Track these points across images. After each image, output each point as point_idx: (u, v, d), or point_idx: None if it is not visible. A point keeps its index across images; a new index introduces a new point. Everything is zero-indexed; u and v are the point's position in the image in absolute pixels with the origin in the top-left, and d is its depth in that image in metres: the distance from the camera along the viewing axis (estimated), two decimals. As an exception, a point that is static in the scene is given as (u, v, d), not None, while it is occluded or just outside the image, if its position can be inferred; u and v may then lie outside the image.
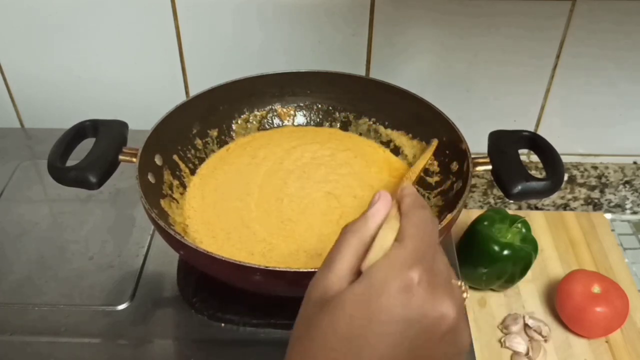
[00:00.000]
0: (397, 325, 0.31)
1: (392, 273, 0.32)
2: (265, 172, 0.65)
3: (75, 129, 0.60)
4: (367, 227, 0.35)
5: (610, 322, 0.71)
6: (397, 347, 0.31)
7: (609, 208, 0.93)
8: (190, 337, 0.57)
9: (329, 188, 0.64)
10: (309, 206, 0.62)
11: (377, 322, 0.31)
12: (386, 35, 0.77)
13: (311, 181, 0.64)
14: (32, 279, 0.62)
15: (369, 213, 0.36)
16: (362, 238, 0.35)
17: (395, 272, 0.32)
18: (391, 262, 0.32)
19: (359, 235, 0.35)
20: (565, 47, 0.77)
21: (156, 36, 0.78)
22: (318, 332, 0.32)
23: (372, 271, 0.32)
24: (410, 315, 0.31)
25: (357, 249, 0.35)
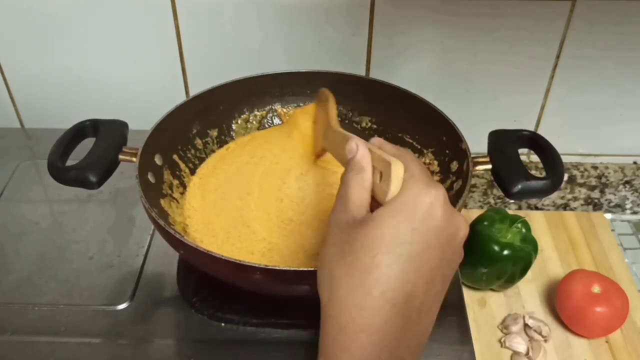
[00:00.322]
0: (431, 233, 0.37)
1: (420, 192, 0.37)
2: (265, 172, 0.65)
3: (75, 129, 0.60)
4: (365, 168, 0.41)
5: (610, 322, 0.71)
6: (433, 252, 0.37)
7: (609, 208, 0.93)
8: (190, 336, 0.57)
9: (329, 189, 0.64)
10: (309, 207, 0.62)
11: (418, 231, 0.36)
12: (386, 35, 0.77)
13: (311, 181, 0.64)
14: (32, 278, 0.62)
15: (359, 157, 0.41)
16: (365, 177, 0.40)
17: (423, 191, 0.37)
18: (416, 184, 0.37)
19: (362, 175, 0.40)
20: (565, 48, 0.78)
21: (156, 36, 0.78)
22: (360, 244, 0.36)
23: (404, 192, 0.37)
24: (440, 224, 0.37)
25: (365, 186, 0.40)
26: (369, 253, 0.36)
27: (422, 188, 0.37)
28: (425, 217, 0.37)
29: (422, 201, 0.37)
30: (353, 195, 0.40)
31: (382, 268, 0.36)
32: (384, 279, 0.35)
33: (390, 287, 0.35)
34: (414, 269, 0.36)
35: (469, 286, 0.78)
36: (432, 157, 0.66)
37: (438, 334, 0.57)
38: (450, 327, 0.58)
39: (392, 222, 0.36)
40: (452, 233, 0.38)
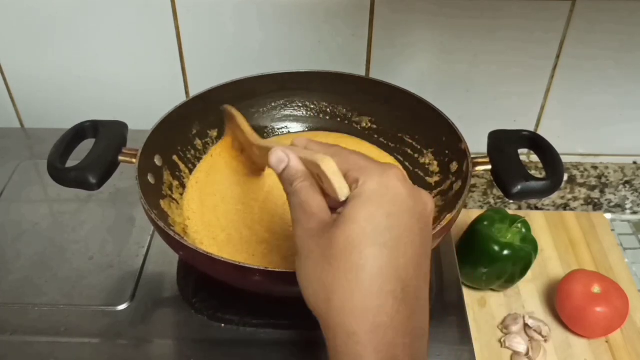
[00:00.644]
0: (405, 214, 0.36)
1: (380, 177, 0.37)
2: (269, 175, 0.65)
3: (75, 130, 0.59)
4: (305, 173, 0.40)
5: (610, 322, 0.71)
6: (412, 232, 0.37)
7: (609, 208, 0.93)
8: (190, 337, 0.57)
9: None
10: None
11: (393, 215, 0.36)
12: (386, 35, 0.77)
13: None
14: (31, 279, 0.62)
15: (293, 165, 0.40)
16: (311, 181, 0.39)
17: (382, 176, 0.37)
18: (371, 171, 0.37)
19: (307, 180, 0.39)
20: (565, 48, 0.78)
21: (156, 36, 0.78)
22: (343, 245, 0.35)
23: (365, 182, 0.37)
24: (410, 203, 0.37)
25: (316, 189, 0.39)
26: (354, 251, 0.35)
27: (380, 173, 0.37)
28: (395, 199, 0.36)
29: (385, 185, 0.37)
30: (310, 201, 0.39)
31: (372, 261, 0.35)
32: (377, 272, 0.35)
33: (386, 279, 0.35)
34: (402, 254, 0.35)
35: (469, 286, 0.78)
36: (431, 157, 0.66)
37: (438, 334, 0.57)
38: (450, 327, 0.58)
39: (366, 213, 0.36)
40: (422, 209, 0.38)
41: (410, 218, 0.37)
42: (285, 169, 0.40)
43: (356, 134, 0.72)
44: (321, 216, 0.38)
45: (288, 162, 0.40)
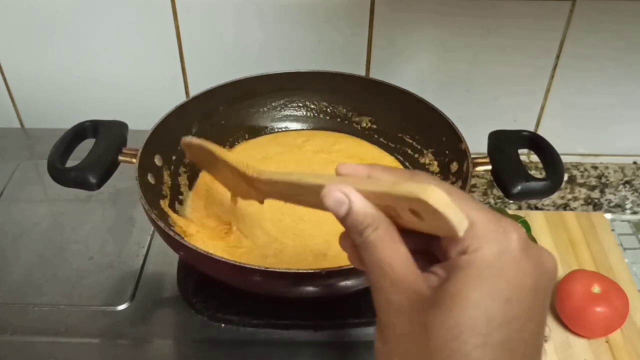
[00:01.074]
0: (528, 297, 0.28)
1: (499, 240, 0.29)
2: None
3: (75, 130, 0.60)
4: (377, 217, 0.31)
5: (610, 322, 0.70)
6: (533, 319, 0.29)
7: (609, 208, 0.93)
8: (190, 337, 0.57)
9: None
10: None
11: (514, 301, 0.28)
12: (386, 35, 0.77)
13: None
14: (32, 279, 0.62)
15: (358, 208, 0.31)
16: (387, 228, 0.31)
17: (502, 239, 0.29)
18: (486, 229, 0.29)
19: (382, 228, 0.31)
20: (565, 47, 0.77)
21: (156, 36, 0.78)
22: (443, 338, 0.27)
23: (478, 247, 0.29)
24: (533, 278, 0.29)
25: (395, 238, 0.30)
26: (459, 349, 0.27)
27: (499, 236, 0.29)
28: (518, 275, 0.28)
29: (505, 256, 0.28)
30: (393, 260, 0.30)
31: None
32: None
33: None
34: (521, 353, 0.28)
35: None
36: (431, 157, 0.66)
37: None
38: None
39: (477, 297, 0.27)
40: (545, 279, 0.30)
41: (533, 301, 0.29)
42: (347, 213, 0.31)
43: (356, 134, 0.72)
44: (411, 284, 0.29)
45: (350, 204, 0.31)
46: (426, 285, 0.29)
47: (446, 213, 0.28)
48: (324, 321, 0.56)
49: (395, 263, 0.30)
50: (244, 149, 0.70)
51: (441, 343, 0.27)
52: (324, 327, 0.56)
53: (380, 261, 0.30)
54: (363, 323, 0.57)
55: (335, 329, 0.56)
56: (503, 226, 0.29)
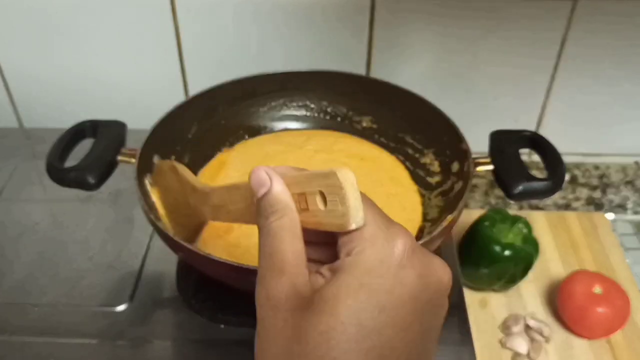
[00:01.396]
0: (406, 306, 0.28)
1: (382, 248, 0.28)
2: None
3: (74, 130, 0.59)
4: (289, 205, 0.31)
5: (611, 322, 0.70)
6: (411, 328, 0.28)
7: (610, 208, 0.93)
8: (190, 337, 0.57)
9: None
10: None
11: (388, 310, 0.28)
12: (386, 35, 0.77)
13: None
14: (31, 279, 0.62)
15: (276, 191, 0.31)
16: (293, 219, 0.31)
17: (385, 246, 0.29)
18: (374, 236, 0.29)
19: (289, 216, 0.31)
20: (566, 47, 0.77)
21: (155, 36, 0.78)
22: (313, 341, 0.27)
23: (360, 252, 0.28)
24: (416, 288, 0.28)
25: (297, 233, 0.31)
26: (327, 354, 0.27)
27: (385, 239, 0.29)
28: (396, 284, 0.28)
29: (387, 263, 0.28)
30: (285, 250, 0.30)
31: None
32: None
33: None
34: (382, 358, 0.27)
35: (470, 286, 0.78)
36: (432, 157, 0.66)
37: (438, 335, 0.56)
38: (450, 327, 0.57)
39: (352, 304, 0.27)
40: (433, 291, 0.29)
41: (412, 312, 0.28)
42: (264, 195, 0.32)
43: (357, 133, 0.71)
44: (295, 282, 0.29)
45: (270, 186, 0.32)
46: (310, 286, 0.29)
47: (348, 192, 0.28)
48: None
49: (287, 257, 0.30)
50: (244, 148, 0.70)
51: (311, 347, 0.27)
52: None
53: (273, 251, 0.30)
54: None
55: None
56: (392, 232, 0.29)
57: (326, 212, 0.30)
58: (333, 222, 0.30)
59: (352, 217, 0.29)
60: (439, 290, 0.30)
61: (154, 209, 0.56)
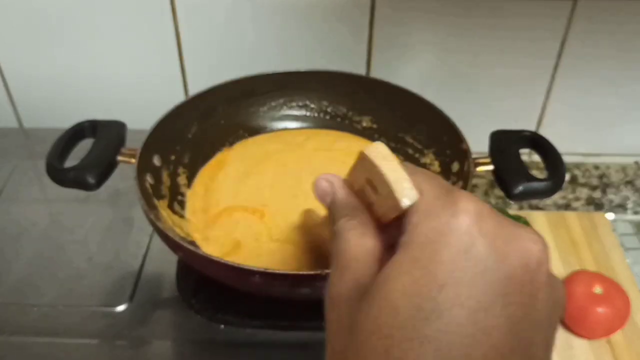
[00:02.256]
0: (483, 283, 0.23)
1: (440, 220, 0.24)
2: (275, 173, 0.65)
3: (74, 130, 0.59)
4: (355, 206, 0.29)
5: (611, 322, 0.70)
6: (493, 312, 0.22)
7: (610, 208, 0.93)
8: (190, 338, 0.57)
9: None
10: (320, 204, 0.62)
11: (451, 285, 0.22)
12: (386, 35, 0.77)
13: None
14: (30, 279, 0.62)
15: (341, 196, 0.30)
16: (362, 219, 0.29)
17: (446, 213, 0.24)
18: (427, 214, 0.24)
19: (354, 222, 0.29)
20: (567, 47, 0.77)
21: (155, 36, 0.78)
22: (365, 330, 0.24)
23: (414, 232, 0.24)
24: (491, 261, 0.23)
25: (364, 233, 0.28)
26: (378, 345, 0.23)
27: (441, 209, 0.24)
28: (458, 257, 0.23)
29: (447, 233, 0.23)
30: (350, 250, 0.28)
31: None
32: None
33: None
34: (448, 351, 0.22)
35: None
36: (432, 157, 0.66)
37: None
38: (450, 328, 0.57)
39: (405, 284, 0.23)
40: (516, 266, 0.23)
41: (485, 290, 0.23)
42: (330, 203, 0.31)
43: (357, 133, 0.71)
44: (360, 274, 0.26)
45: (333, 195, 0.31)
46: (371, 272, 0.26)
47: (383, 168, 0.25)
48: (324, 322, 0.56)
49: (352, 255, 0.27)
50: (243, 147, 0.70)
51: (364, 337, 0.24)
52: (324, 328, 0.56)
53: (339, 251, 0.28)
54: (363, 324, 0.56)
55: (335, 330, 0.56)
56: (452, 199, 0.24)
57: (381, 199, 0.27)
58: (390, 207, 0.26)
59: (399, 193, 0.25)
60: (527, 264, 0.23)
61: (154, 209, 0.56)
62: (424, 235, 0.24)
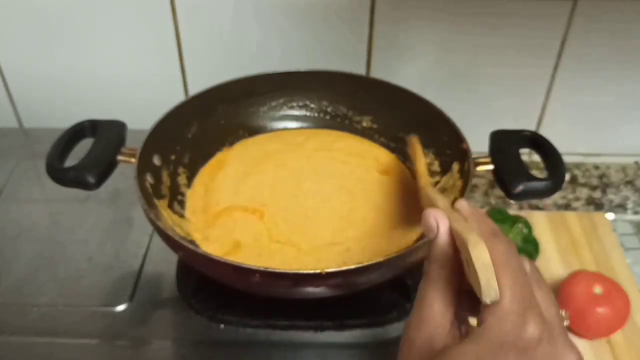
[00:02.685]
0: None
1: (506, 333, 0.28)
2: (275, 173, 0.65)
3: (74, 129, 0.59)
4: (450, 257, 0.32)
5: (611, 322, 0.70)
6: None
7: (610, 208, 0.93)
8: (190, 338, 0.57)
9: (342, 182, 0.64)
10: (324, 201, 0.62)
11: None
12: (386, 35, 0.77)
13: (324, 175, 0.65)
14: (30, 279, 0.62)
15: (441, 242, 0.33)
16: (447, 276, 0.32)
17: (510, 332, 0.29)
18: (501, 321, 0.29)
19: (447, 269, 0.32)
20: (567, 47, 0.77)
21: (155, 35, 0.78)
22: None
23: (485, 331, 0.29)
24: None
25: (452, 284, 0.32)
26: None
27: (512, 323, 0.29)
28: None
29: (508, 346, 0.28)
30: (434, 298, 0.31)
31: None
32: None
33: None
34: None
35: (470, 287, 0.78)
36: (433, 157, 0.66)
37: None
38: (450, 328, 0.57)
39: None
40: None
41: None
42: (432, 241, 0.34)
43: (357, 133, 0.71)
44: (435, 330, 0.31)
45: (436, 235, 0.33)
46: (444, 341, 0.31)
47: (479, 272, 0.29)
48: (324, 322, 0.56)
49: (434, 305, 0.31)
50: (243, 147, 0.70)
51: None
52: (324, 328, 0.56)
53: (423, 296, 0.32)
54: (364, 324, 0.56)
55: (336, 330, 0.56)
56: (525, 317, 0.29)
57: (471, 274, 0.31)
58: (474, 286, 0.31)
59: (484, 294, 0.30)
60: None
61: (154, 208, 0.56)
62: (492, 341, 0.28)
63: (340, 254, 0.56)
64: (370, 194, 0.63)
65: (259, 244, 0.57)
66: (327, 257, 0.55)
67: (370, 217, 0.60)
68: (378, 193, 0.63)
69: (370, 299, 0.58)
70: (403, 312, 0.58)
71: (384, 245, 0.57)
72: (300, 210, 0.61)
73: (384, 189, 0.64)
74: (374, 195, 0.63)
